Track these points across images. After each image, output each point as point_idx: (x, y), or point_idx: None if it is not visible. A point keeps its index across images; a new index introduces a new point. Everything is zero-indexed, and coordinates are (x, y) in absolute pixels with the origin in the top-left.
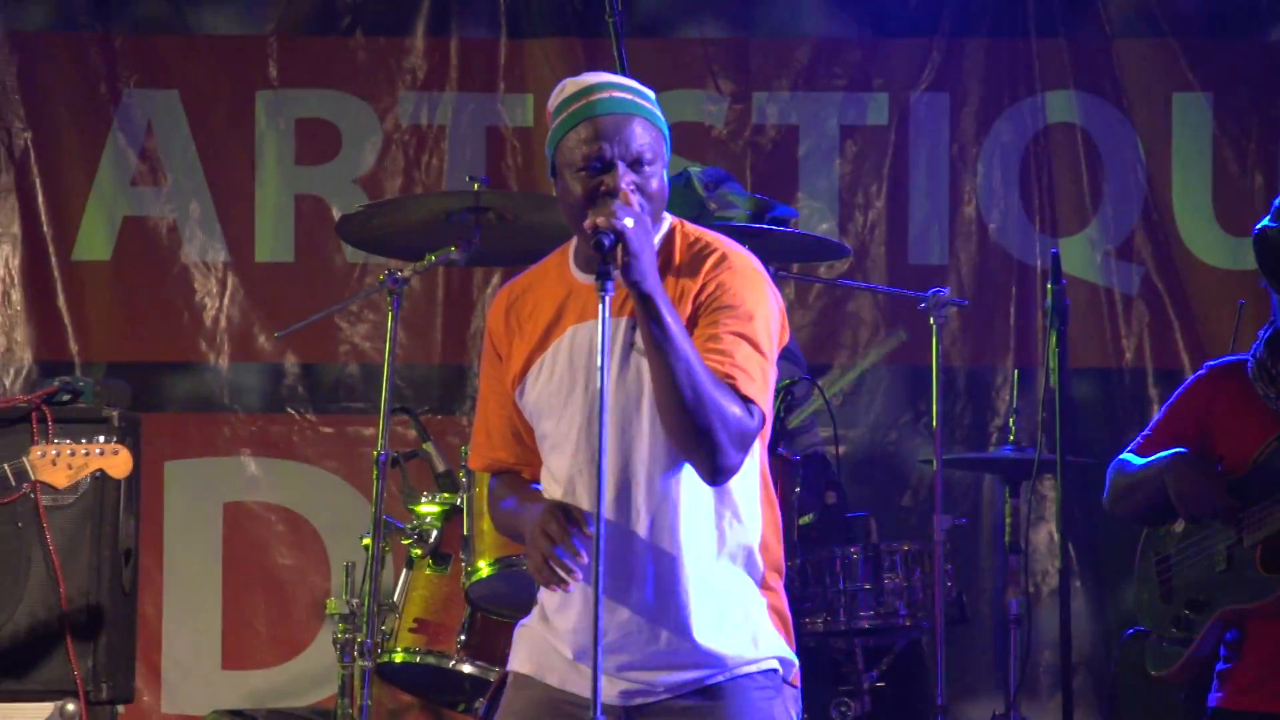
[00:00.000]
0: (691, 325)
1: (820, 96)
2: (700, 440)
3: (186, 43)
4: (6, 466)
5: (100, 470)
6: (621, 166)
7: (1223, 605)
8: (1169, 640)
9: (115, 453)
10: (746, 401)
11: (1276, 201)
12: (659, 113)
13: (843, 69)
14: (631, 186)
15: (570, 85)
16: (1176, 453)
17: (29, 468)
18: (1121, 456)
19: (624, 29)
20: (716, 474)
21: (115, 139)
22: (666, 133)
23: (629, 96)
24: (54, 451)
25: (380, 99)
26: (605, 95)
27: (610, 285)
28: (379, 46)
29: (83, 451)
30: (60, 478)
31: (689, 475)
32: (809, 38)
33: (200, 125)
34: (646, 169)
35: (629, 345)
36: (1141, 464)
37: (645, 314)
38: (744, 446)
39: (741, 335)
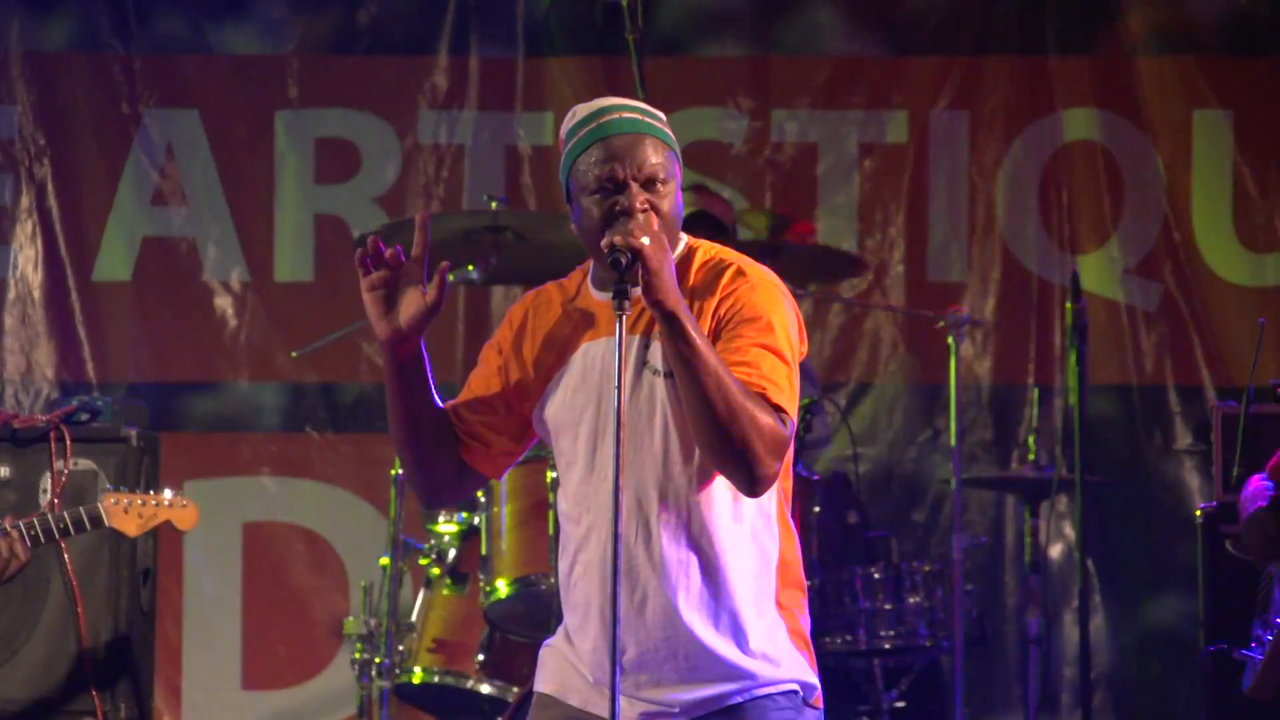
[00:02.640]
0: (713, 339)
1: (839, 114)
2: (739, 452)
3: (206, 63)
4: (82, 510)
5: (169, 522)
6: (635, 186)
7: None
8: (1252, 657)
9: (184, 505)
10: (778, 410)
11: None
12: (670, 133)
13: (862, 87)
14: (645, 205)
15: (581, 110)
16: (1270, 497)
17: (104, 514)
18: (1261, 473)
19: (643, 47)
20: (755, 484)
21: (135, 159)
22: (678, 153)
23: (640, 117)
24: (125, 501)
25: (400, 118)
26: (616, 116)
27: (626, 304)
28: (398, 66)
29: (153, 503)
30: (131, 526)
31: (704, 491)
32: (828, 56)
33: (220, 145)
34: (660, 188)
35: (641, 363)
36: (1249, 494)
37: (670, 332)
38: (780, 454)
39: (766, 347)
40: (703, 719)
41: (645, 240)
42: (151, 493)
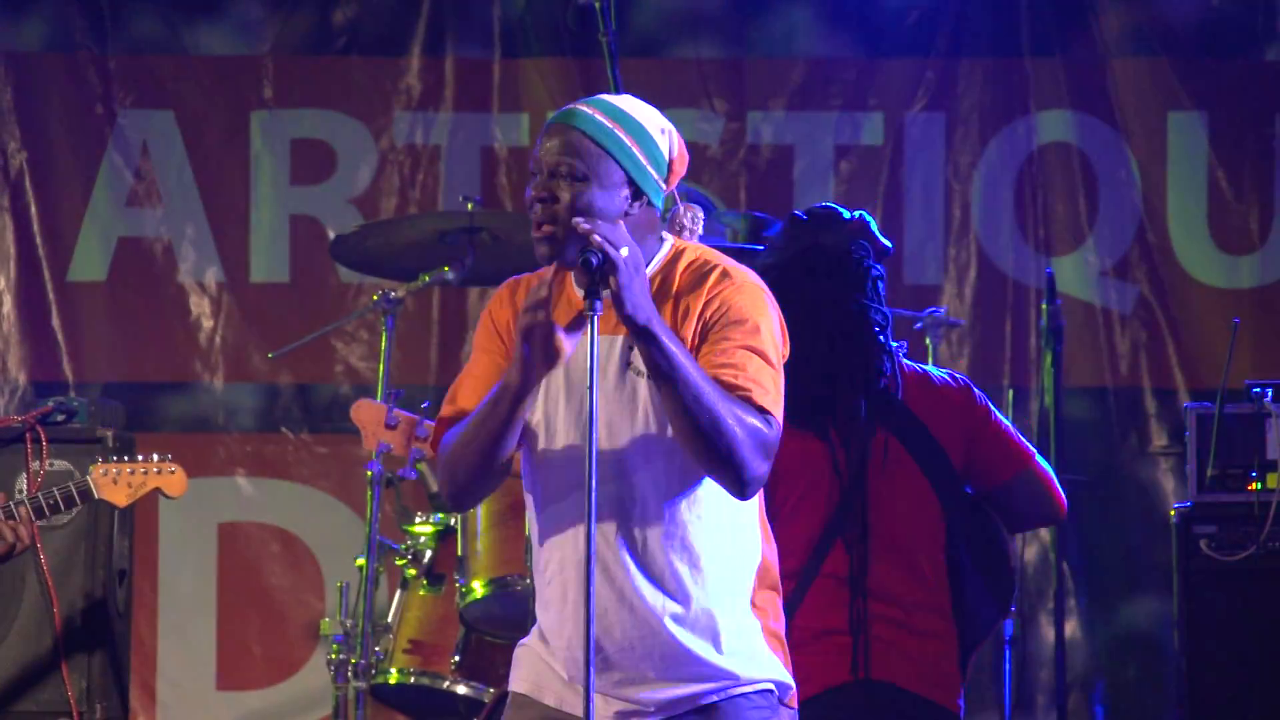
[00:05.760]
0: (699, 341)
1: (815, 116)
2: (725, 459)
3: (182, 63)
4: (71, 485)
5: (158, 489)
6: (542, 176)
7: None
8: None
9: (172, 471)
10: (763, 412)
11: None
12: (622, 134)
13: (838, 89)
14: (544, 193)
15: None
16: None
17: (92, 486)
18: None
19: (618, 49)
20: (745, 487)
21: (111, 159)
22: (626, 150)
23: (587, 110)
24: (114, 470)
25: (375, 119)
26: (571, 107)
27: (599, 305)
28: (374, 67)
29: (141, 470)
30: (121, 496)
31: (683, 492)
32: (804, 57)
33: (195, 145)
34: (563, 182)
35: (625, 364)
36: None
37: (646, 347)
38: (767, 456)
39: (752, 349)
40: (677, 718)
41: (625, 251)
42: (140, 459)
